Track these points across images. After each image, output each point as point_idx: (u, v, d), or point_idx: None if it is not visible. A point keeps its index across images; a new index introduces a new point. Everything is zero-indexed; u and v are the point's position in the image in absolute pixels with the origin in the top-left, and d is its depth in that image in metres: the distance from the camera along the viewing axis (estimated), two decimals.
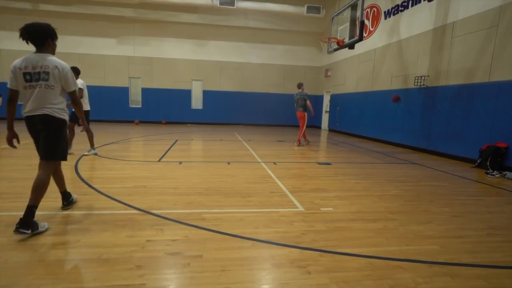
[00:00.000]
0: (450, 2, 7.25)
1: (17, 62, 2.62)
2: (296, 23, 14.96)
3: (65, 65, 2.72)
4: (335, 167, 5.83)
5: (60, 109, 2.67)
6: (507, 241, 2.70)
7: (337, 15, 9.63)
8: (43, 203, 3.22)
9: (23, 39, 2.58)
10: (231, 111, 15.14)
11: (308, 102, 8.60)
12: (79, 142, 6.81)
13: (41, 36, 2.61)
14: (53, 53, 2.77)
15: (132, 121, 14.37)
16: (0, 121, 11.43)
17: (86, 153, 5.98)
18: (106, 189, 3.74)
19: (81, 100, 5.57)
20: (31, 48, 2.65)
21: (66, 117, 2.76)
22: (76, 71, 5.46)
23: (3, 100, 11.15)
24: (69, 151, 6.03)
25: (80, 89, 5.56)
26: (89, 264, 2.06)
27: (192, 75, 15.05)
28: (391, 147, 9.02)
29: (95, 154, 6.06)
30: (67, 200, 3.11)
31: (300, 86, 8.94)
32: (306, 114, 8.60)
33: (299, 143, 8.74)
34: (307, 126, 8.73)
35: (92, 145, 6.07)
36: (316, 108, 15.99)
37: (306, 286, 1.90)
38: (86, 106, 5.96)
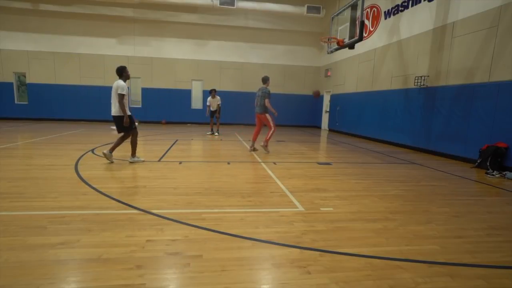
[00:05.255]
0: (450, 2, 7.25)
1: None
2: (296, 23, 14.96)
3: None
4: (335, 167, 5.83)
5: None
6: (507, 241, 2.70)
7: (337, 15, 9.63)
8: (42, 203, 3.23)
9: None
10: (231, 111, 15.12)
11: (267, 101, 6.88)
12: (73, 142, 6.79)
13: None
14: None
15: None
16: None
17: None
18: (106, 189, 3.74)
19: None
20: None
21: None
22: None
23: None
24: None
25: None
26: (89, 264, 2.06)
27: (192, 75, 15.05)
28: (391, 147, 9.02)
29: None
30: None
31: (265, 80, 7.06)
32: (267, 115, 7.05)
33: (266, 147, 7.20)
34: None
35: None
36: (316, 108, 16.09)
37: (306, 286, 1.90)
38: None
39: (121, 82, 5.11)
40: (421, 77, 8.02)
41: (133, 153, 5.49)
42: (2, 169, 4.70)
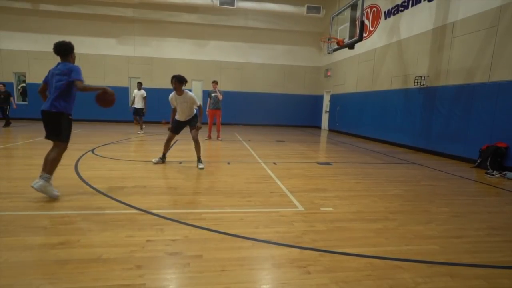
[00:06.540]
0: (450, 2, 7.25)
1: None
2: (296, 23, 14.96)
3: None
4: (335, 167, 5.83)
5: None
6: (507, 241, 2.70)
7: (337, 15, 9.63)
8: (42, 203, 3.23)
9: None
10: (231, 111, 15.11)
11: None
12: (73, 142, 6.75)
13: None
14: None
15: (132, 121, 14.37)
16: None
17: None
18: (106, 189, 3.74)
19: None
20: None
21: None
22: None
23: (13, 100, 11.51)
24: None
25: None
26: (89, 264, 2.06)
27: (192, 75, 15.03)
28: (391, 147, 9.02)
29: None
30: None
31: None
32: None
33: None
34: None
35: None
36: (316, 108, 16.10)
37: (306, 286, 1.90)
38: None
39: (190, 93, 5.22)
40: (421, 77, 8.02)
41: (199, 158, 5.53)
42: (2, 169, 4.70)
